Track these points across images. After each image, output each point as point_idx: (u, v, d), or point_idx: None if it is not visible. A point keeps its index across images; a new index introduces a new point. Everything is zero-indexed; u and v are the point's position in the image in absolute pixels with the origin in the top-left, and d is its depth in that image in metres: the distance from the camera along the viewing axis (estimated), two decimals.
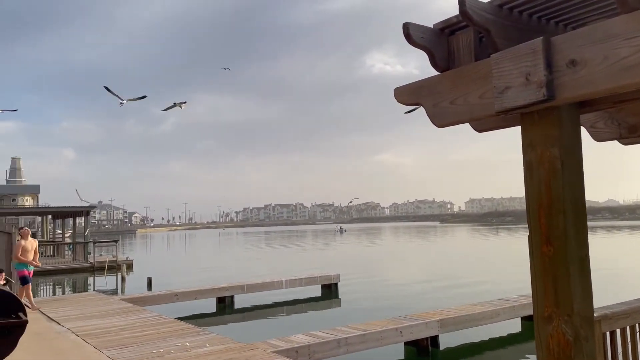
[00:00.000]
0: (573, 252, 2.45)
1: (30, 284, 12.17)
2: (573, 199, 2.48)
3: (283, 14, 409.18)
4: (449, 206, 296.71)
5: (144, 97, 31.03)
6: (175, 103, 35.06)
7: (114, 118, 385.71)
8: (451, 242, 59.77)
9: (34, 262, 12.21)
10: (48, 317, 10.79)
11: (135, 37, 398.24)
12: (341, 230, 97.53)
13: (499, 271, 25.61)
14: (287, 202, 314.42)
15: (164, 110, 37.43)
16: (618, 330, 3.72)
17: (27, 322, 4.74)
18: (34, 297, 12.70)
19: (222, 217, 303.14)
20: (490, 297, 13.27)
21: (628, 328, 3.78)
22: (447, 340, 10.78)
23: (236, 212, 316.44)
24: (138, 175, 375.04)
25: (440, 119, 2.86)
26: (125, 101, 30.39)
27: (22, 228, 13.33)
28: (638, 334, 3.85)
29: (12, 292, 4.87)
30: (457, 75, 2.79)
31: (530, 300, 2.69)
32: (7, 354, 4.79)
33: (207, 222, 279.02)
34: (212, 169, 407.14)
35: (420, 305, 14.38)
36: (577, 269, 2.46)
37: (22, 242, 12.25)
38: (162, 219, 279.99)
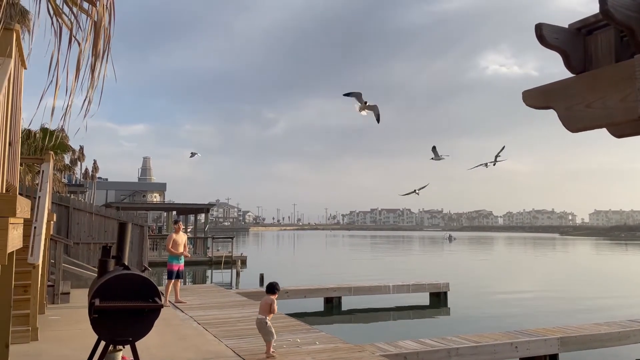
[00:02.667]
0: None
1: (178, 279, 11.85)
2: None
3: (393, 17, 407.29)
4: (570, 217, 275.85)
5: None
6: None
7: (231, 122, 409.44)
8: (572, 256, 55.45)
9: (184, 253, 11.85)
10: (174, 305, 11.72)
11: (250, 44, 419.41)
12: (450, 238, 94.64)
13: (628, 290, 23.32)
14: (393, 207, 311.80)
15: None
16: None
17: (162, 306, 5.22)
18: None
19: (328, 219, 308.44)
20: (617, 318, 12.16)
21: None
22: None
23: (342, 215, 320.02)
24: (252, 176, 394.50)
25: (574, 123, 2.72)
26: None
27: (177, 222, 12.82)
28: None
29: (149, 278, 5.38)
30: (595, 77, 2.64)
31: None
32: (144, 335, 5.30)
33: (315, 223, 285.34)
34: (320, 171, 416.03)
35: (537, 321, 13.54)
36: None
37: (174, 235, 11.95)
38: (273, 218, 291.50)
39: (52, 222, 10.68)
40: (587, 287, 25.21)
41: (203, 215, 38.99)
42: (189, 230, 42.20)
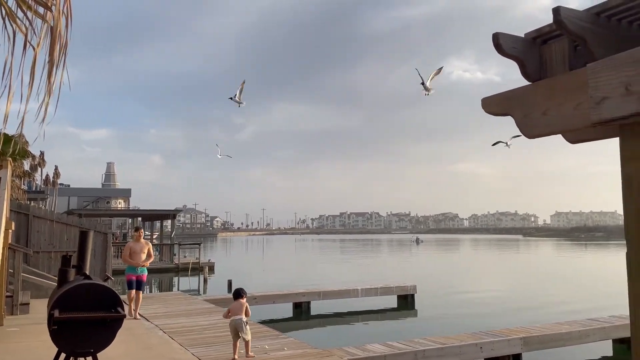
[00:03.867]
0: None
1: (137, 290, 10.77)
2: None
3: (359, 22, 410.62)
4: (532, 219, 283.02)
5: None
6: None
7: (199, 126, 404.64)
8: (535, 257, 56.87)
9: (140, 263, 10.80)
10: (138, 313, 11.48)
11: (217, 48, 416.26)
12: (417, 241, 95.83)
13: (588, 290, 24.05)
14: (362, 211, 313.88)
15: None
16: None
17: (124, 316, 5.11)
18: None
19: (298, 223, 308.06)
20: (578, 317, 12.52)
21: None
22: None
23: (312, 219, 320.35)
24: (220, 181, 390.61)
25: (531, 130, 2.80)
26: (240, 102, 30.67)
27: (137, 229, 11.78)
28: None
29: (111, 287, 5.27)
30: (550, 85, 2.72)
31: (624, 321, 2.56)
32: (106, 346, 5.18)
33: (284, 228, 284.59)
34: (289, 176, 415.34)
35: (502, 322, 13.82)
36: None
37: (131, 243, 11.17)
38: (242, 223, 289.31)
39: (10, 231, 10.33)
40: (549, 287, 25.89)
41: (169, 221, 38.37)
42: (154, 237, 41.48)
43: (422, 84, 25.70)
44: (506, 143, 30.82)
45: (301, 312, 16.93)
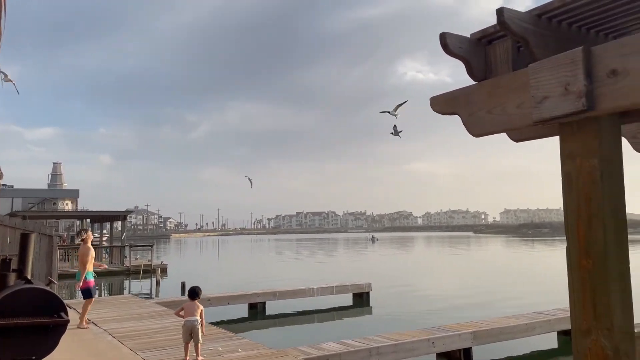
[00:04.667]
0: (613, 265, 2.40)
1: (88, 299, 10.19)
2: (613, 211, 2.44)
3: (315, 22, 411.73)
4: (483, 217, 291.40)
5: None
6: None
7: (151, 125, 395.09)
8: (485, 253, 58.62)
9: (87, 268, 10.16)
10: (93, 323, 11.08)
11: (171, 46, 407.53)
12: (373, 239, 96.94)
13: (535, 284, 24.97)
14: (319, 210, 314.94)
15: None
16: None
17: (68, 321, 4.90)
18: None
19: (254, 223, 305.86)
20: (525, 310, 12.97)
21: None
22: (481, 353, 10.57)
23: (268, 219, 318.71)
24: (173, 181, 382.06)
25: (477, 129, 2.86)
26: None
27: (86, 230, 11.20)
28: None
29: (54, 292, 5.05)
30: (494, 85, 2.78)
31: (567, 314, 2.65)
32: (49, 353, 4.95)
33: (240, 228, 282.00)
34: (245, 175, 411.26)
35: (454, 317, 14.16)
36: (617, 283, 2.41)
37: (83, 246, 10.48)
38: (196, 224, 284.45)
39: None
40: (498, 282, 26.73)
41: (120, 222, 37.29)
42: (104, 239, 40.21)
43: (394, 129, 25.78)
44: (390, 112, 30.45)
45: (256, 312, 16.80)
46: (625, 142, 3.68)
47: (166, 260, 36.19)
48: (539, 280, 26.56)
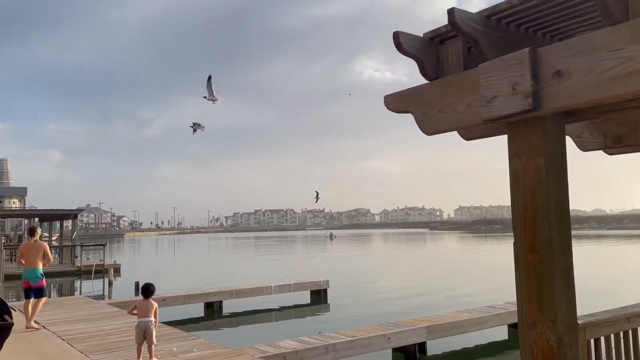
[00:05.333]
0: (557, 259, 2.49)
1: (29, 299, 9.69)
2: (557, 207, 2.53)
3: (272, 19, 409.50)
4: (438, 213, 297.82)
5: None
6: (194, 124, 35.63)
7: (103, 121, 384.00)
8: (440, 249, 59.92)
9: (23, 264, 9.78)
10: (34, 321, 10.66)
11: (125, 40, 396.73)
12: (331, 237, 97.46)
13: (487, 278, 25.71)
14: (277, 208, 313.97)
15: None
16: (602, 338, 3.77)
17: (12, 324, 4.69)
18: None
19: (211, 222, 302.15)
20: (478, 305, 13.33)
21: (612, 336, 3.83)
22: (435, 347, 10.81)
23: (226, 217, 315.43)
24: (127, 179, 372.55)
25: (429, 127, 2.90)
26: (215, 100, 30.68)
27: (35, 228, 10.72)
28: (622, 341, 3.90)
29: None
30: (446, 84, 2.83)
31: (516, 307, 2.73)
32: None
33: (196, 226, 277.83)
34: (202, 173, 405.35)
35: (409, 312, 14.41)
36: (561, 277, 2.50)
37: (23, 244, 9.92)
38: (151, 223, 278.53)
39: None
40: (452, 277, 27.37)
41: (71, 221, 36.06)
42: (54, 238, 38.80)
43: (194, 125, 28.29)
44: (207, 97, 31.90)
45: (213, 312, 16.59)
46: (569, 141, 3.82)
47: (119, 260, 35.26)
48: (491, 275, 27.35)
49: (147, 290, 7.33)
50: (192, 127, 37.41)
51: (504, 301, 13.00)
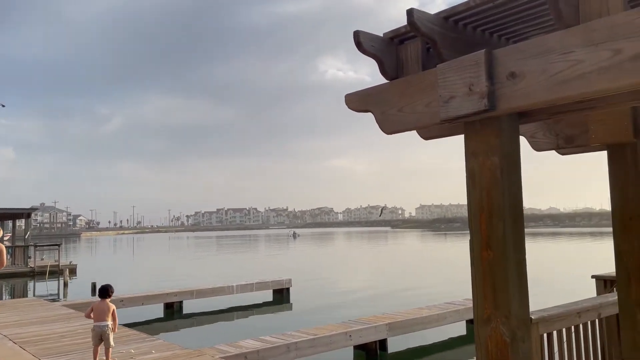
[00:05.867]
0: (511, 256, 2.56)
1: None
2: (512, 206, 2.59)
3: (234, 15, 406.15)
4: (400, 212, 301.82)
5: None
6: None
7: (58, 117, 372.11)
8: (402, 247, 60.76)
9: None
10: None
11: (82, 34, 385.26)
12: (294, 235, 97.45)
13: (447, 275, 26.22)
14: (240, 207, 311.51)
15: None
16: (555, 332, 3.90)
17: None
18: None
19: (172, 221, 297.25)
20: (438, 301, 13.57)
21: (564, 330, 3.96)
22: (396, 344, 10.94)
23: (187, 216, 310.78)
24: (84, 177, 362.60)
25: (389, 126, 2.93)
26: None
27: None
28: (574, 335, 4.05)
29: None
30: (405, 84, 2.86)
31: None
32: None
33: (157, 226, 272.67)
34: (163, 171, 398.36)
35: (371, 310, 14.53)
36: (514, 273, 2.56)
37: None
38: (109, 222, 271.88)
39: None
40: (412, 274, 27.79)
41: (23, 221, 34.76)
42: (6, 238, 37.29)
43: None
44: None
45: (173, 312, 16.32)
46: (524, 142, 3.93)
47: (75, 260, 34.21)
48: (451, 271, 27.91)
49: (104, 291, 7.14)
50: None
51: (463, 297, 13.29)
